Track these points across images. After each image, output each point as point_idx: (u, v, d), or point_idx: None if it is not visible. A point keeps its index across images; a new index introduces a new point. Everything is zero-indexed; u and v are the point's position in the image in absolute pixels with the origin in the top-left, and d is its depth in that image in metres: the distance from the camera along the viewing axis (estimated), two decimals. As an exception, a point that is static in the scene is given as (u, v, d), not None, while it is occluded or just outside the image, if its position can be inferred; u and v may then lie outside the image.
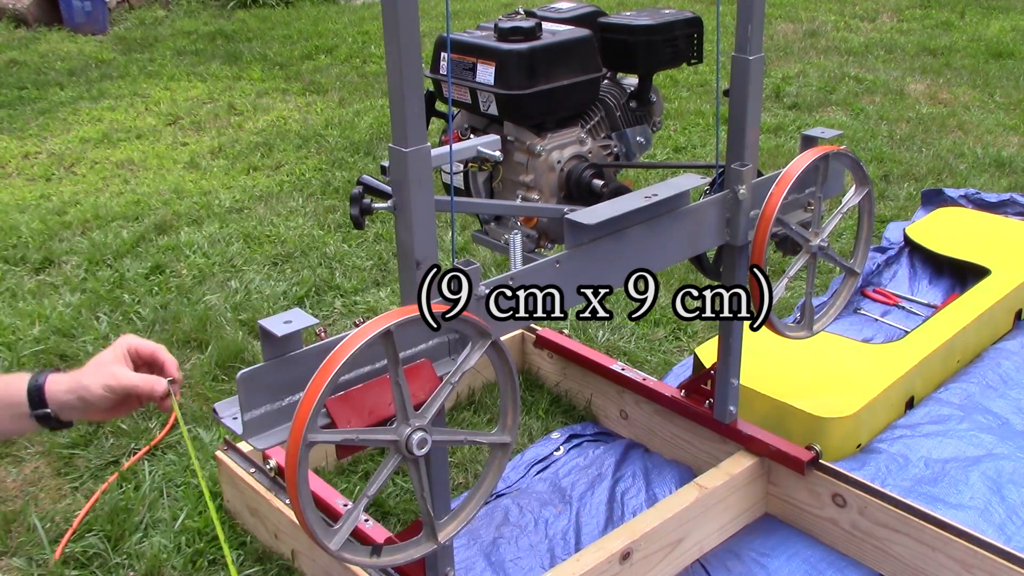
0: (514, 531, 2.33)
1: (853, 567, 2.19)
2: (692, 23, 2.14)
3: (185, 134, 5.39)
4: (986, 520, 2.24)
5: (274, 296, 3.47)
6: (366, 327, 1.36)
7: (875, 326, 3.19)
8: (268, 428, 1.45)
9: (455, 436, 1.59)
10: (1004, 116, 5.26)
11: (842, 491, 2.19)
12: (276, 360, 1.43)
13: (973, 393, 2.75)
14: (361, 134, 5.19)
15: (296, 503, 1.36)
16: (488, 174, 2.09)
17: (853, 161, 2.09)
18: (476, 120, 2.11)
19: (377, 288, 3.55)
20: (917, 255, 3.58)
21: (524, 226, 2.05)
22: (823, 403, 2.46)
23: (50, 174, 4.85)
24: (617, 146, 2.16)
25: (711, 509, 2.22)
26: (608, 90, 2.16)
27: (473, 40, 1.95)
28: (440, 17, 7.23)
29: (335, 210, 4.21)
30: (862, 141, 4.89)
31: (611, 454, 2.59)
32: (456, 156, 1.75)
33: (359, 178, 1.78)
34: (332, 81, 6.30)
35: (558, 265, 1.75)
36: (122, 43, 7.47)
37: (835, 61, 6.43)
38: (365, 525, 2.05)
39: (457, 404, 2.82)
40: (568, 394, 2.86)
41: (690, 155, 4.80)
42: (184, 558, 2.25)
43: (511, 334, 2.90)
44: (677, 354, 3.08)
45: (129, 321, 3.32)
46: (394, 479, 2.52)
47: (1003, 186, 4.25)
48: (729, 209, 2.04)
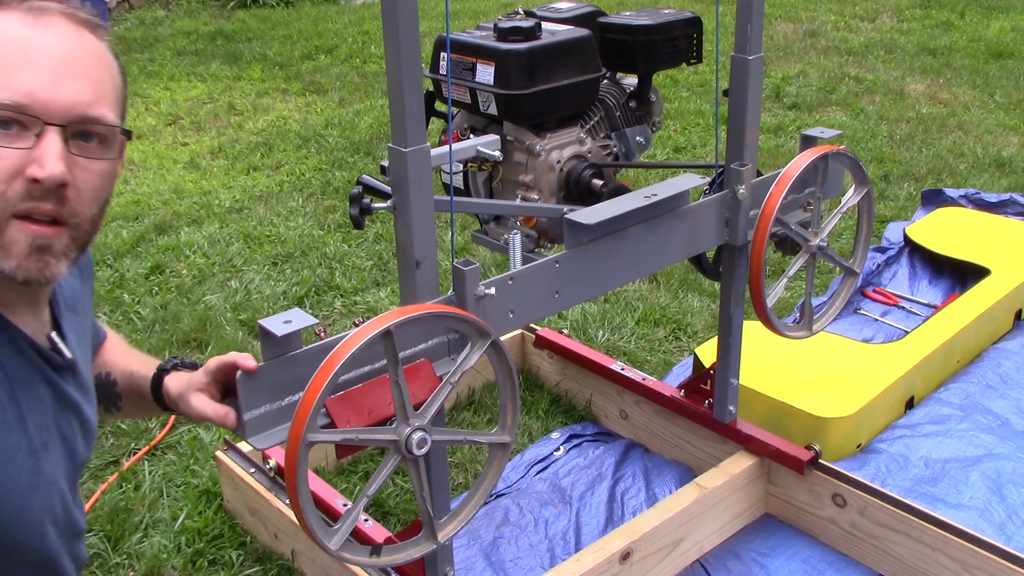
0: (514, 531, 2.33)
1: (853, 567, 2.19)
2: (692, 23, 2.14)
3: (185, 134, 5.39)
4: (986, 520, 2.24)
5: (274, 296, 3.48)
6: (366, 327, 1.36)
7: (875, 326, 3.19)
8: (268, 428, 1.45)
9: (454, 436, 1.59)
10: (1004, 116, 5.26)
11: (842, 491, 2.19)
12: (276, 360, 1.43)
13: (973, 393, 2.75)
14: (361, 134, 5.19)
15: (296, 503, 1.36)
16: (488, 174, 2.09)
17: (852, 161, 2.09)
18: (476, 120, 2.11)
19: (377, 288, 3.55)
20: (917, 255, 3.58)
21: (524, 226, 2.05)
22: (823, 403, 2.46)
23: (50, 174, 4.85)
24: (617, 146, 2.16)
25: (711, 509, 2.22)
26: (608, 90, 2.16)
27: (473, 40, 1.95)
28: (440, 17, 7.23)
29: (335, 210, 4.21)
30: (862, 141, 4.89)
31: (611, 454, 2.60)
32: (456, 156, 1.75)
33: (359, 178, 1.77)
34: (332, 81, 6.30)
35: (558, 265, 1.75)
36: (122, 43, 7.47)
37: (835, 61, 6.43)
38: (365, 525, 2.05)
39: (457, 404, 2.82)
40: (568, 394, 2.86)
41: (690, 155, 4.80)
42: (184, 558, 2.25)
43: (511, 334, 2.90)
44: (677, 354, 3.08)
45: (129, 321, 3.32)
46: (394, 479, 2.52)
47: (1003, 186, 4.25)
48: (728, 209, 2.04)
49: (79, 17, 1.19)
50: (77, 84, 1.15)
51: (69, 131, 1.14)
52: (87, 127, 1.16)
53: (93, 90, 1.17)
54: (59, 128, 1.13)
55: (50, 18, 1.16)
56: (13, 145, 1.11)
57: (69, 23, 1.17)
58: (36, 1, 1.17)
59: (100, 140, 1.19)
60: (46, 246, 1.15)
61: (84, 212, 1.18)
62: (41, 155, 1.12)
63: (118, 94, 1.22)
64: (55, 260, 1.17)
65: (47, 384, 1.26)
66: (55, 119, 1.13)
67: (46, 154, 1.12)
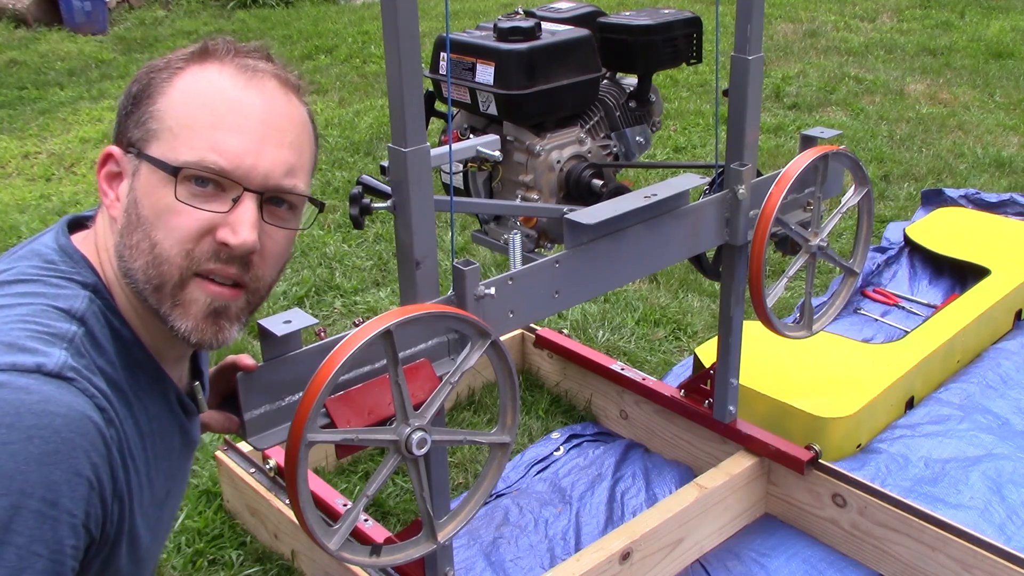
0: (514, 531, 2.33)
1: (853, 567, 2.19)
2: (691, 23, 2.14)
3: (185, 134, 5.39)
4: (986, 520, 2.24)
5: (274, 296, 3.47)
6: (366, 327, 1.35)
7: (875, 326, 3.19)
8: (268, 428, 1.45)
9: (454, 436, 1.58)
10: (1004, 116, 5.26)
11: (842, 491, 2.19)
12: (276, 360, 1.43)
13: (973, 393, 2.75)
14: (361, 134, 5.19)
15: (296, 503, 1.36)
16: (488, 174, 2.09)
17: (852, 161, 2.09)
18: (475, 120, 2.11)
19: (377, 288, 3.55)
20: (917, 255, 3.58)
21: (524, 226, 2.05)
22: (823, 403, 2.46)
23: (50, 174, 4.85)
24: (616, 146, 2.16)
25: (711, 509, 2.22)
26: (607, 90, 2.16)
27: (472, 40, 1.95)
28: (440, 17, 7.23)
29: (335, 210, 4.21)
30: (862, 141, 4.89)
31: (611, 454, 2.59)
32: (456, 156, 1.75)
33: (359, 178, 1.77)
34: (332, 81, 6.30)
35: (557, 265, 1.75)
36: (122, 43, 7.47)
37: (835, 61, 6.43)
38: (365, 525, 2.05)
39: (457, 404, 2.82)
40: (568, 394, 2.86)
41: (690, 155, 4.80)
42: (184, 558, 2.25)
43: (511, 334, 2.90)
44: (677, 354, 3.08)
45: (129, 321, 3.32)
46: (394, 479, 2.52)
47: (1003, 186, 4.25)
48: (728, 209, 2.04)
49: (290, 80, 1.18)
50: (280, 153, 1.14)
51: (264, 198, 1.13)
52: (282, 195, 1.15)
53: (294, 160, 1.16)
54: (256, 195, 1.12)
55: (262, 79, 1.14)
56: (208, 207, 1.10)
57: (279, 85, 1.16)
58: (250, 60, 1.15)
59: (290, 207, 1.18)
60: (223, 308, 1.14)
61: (265, 278, 1.18)
62: (236, 221, 1.10)
63: (312, 162, 1.22)
64: (229, 324, 1.16)
65: (181, 433, 1.26)
66: (254, 186, 1.11)
67: (241, 221, 1.10)
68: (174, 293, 1.11)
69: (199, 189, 1.09)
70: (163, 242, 1.09)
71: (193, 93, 1.11)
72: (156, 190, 1.10)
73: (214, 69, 1.13)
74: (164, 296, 1.12)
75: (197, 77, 1.12)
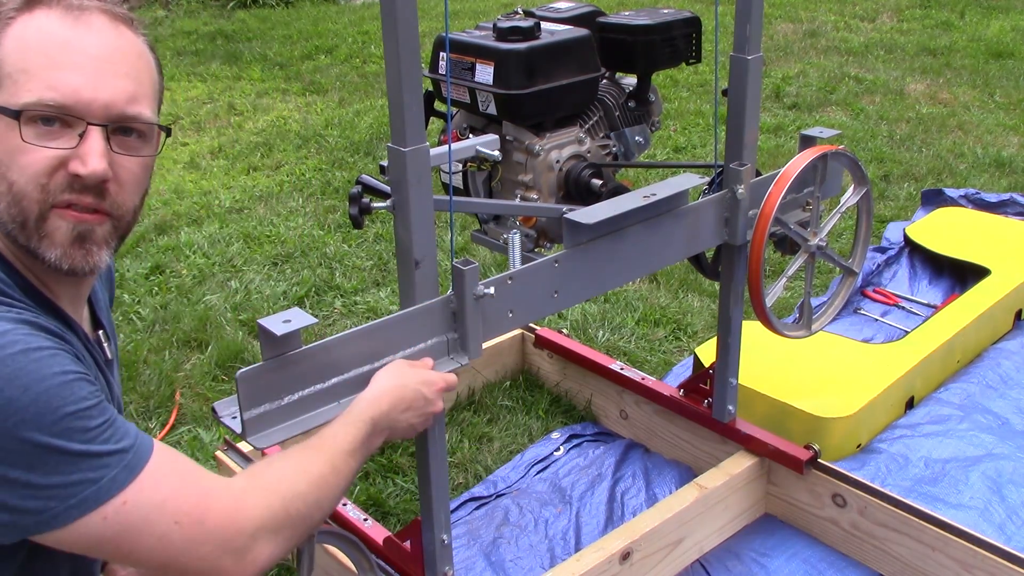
0: (514, 531, 2.33)
1: (853, 567, 2.19)
2: (691, 23, 2.14)
3: (185, 134, 5.39)
4: (986, 520, 2.24)
5: (274, 296, 3.48)
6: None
7: (875, 326, 3.19)
8: (268, 427, 1.45)
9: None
10: (1004, 116, 5.26)
11: (842, 491, 2.19)
12: (275, 359, 1.43)
13: (973, 393, 2.75)
14: (361, 134, 5.19)
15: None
16: (487, 174, 2.09)
17: (851, 161, 2.09)
18: (475, 120, 2.11)
19: (377, 288, 3.55)
20: (917, 255, 3.58)
21: (523, 226, 2.05)
22: (823, 403, 2.46)
23: None
24: (616, 146, 2.16)
25: (711, 509, 2.22)
26: (607, 90, 2.16)
27: (472, 40, 1.95)
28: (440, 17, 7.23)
29: (335, 210, 4.22)
30: (862, 141, 4.89)
31: (611, 454, 2.59)
32: (455, 156, 1.75)
33: (358, 178, 1.78)
34: (332, 81, 6.31)
35: (557, 265, 1.75)
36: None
37: (835, 61, 6.44)
38: (364, 525, 2.05)
39: (457, 404, 2.82)
40: (568, 394, 2.86)
41: (690, 155, 4.81)
42: (184, 558, 2.25)
43: (511, 334, 2.90)
44: (677, 354, 3.08)
45: (129, 321, 3.32)
46: (394, 479, 2.52)
47: (1003, 186, 4.25)
48: (727, 209, 2.04)
49: (117, 13, 1.21)
50: (118, 83, 1.17)
51: (110, 128, 1.17)
52: (127, 124, 1.19)
53: (133, 88, 1.19)
54: (101, 127, 1.16)
55: (89, 16, 1.18)
56: (56, 144, 1.14)
57: (108, 20, 1.19)
58: (76, 0, 1.18)
59: (139, 135, 1.21)
60: (88, 232, 1.18)
61: (126, 204, 1.22)
62: (84, 153, 1.14)
63: (156, 89, 1.25)
64: (97, 248, 1.20)
65: (102, 375, 1.30)
66: (97, 118, 1.15)
67: (89, 152, 1.15)
68: (38, 226, 1.16)
69: (45, 128, 1.14)
70: (18, 180, 1.14)
71: (25, 40, 1.15)
72: (5, 136, 1.14)
73: (42, 14, 1.17)
74: (30, 231, 1.16)
75: (27, 24, 1.16)
